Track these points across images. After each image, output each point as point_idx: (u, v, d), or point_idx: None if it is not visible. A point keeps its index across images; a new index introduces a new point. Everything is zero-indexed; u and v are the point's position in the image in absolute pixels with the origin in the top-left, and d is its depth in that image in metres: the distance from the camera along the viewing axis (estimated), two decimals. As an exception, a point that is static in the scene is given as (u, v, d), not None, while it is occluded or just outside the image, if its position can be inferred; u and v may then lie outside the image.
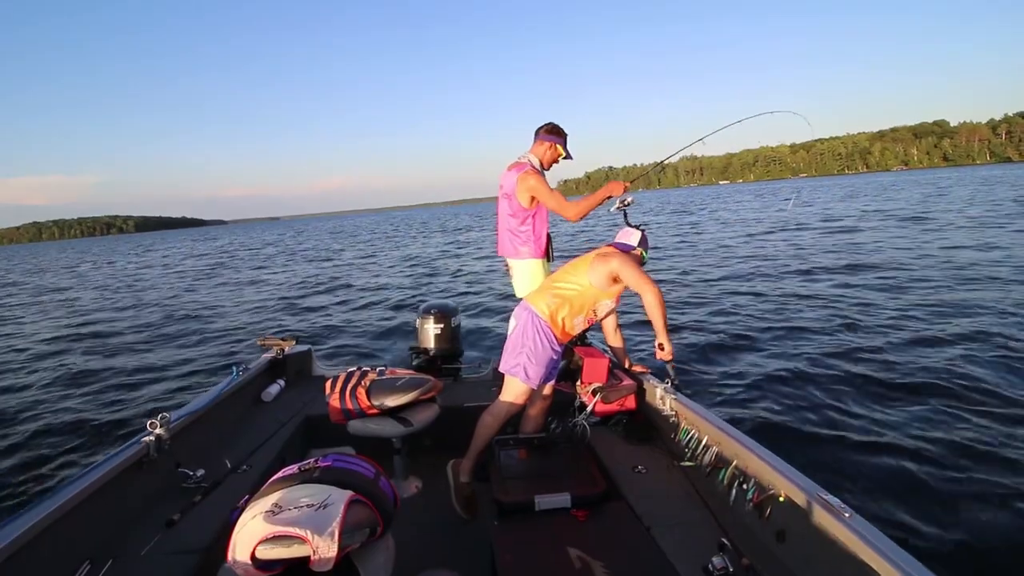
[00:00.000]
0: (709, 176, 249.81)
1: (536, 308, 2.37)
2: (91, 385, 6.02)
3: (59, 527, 1.63)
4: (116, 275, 22.17)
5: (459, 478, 2.36)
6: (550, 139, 2.86)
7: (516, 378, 2.36)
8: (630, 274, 2.30)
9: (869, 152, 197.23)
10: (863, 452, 3.44)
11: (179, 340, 8.16)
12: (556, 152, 2.89)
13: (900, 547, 1.33)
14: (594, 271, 2.35)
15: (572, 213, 2.83)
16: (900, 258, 10.26)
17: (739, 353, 5.58)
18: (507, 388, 2.40)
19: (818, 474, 1.73)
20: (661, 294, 2.32)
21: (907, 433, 3.63)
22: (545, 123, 2.90)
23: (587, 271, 2.37)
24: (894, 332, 5.77)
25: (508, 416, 2.38)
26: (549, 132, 2.87)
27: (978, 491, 2.97)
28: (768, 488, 1.74)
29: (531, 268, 2.97)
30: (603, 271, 2.33)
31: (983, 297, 6.90)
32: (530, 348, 2.33)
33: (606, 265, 2.33)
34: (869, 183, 59.17)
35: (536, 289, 2.57)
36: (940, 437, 3.54)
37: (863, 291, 7.86)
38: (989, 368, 4.58)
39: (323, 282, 14.04)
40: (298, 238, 45.63)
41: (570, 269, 2.47)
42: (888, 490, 3.04)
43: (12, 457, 4.16)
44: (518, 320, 2.42)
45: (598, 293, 2.37)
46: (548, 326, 2.34)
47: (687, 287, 9.31)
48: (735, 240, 16.17)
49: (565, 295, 2.36)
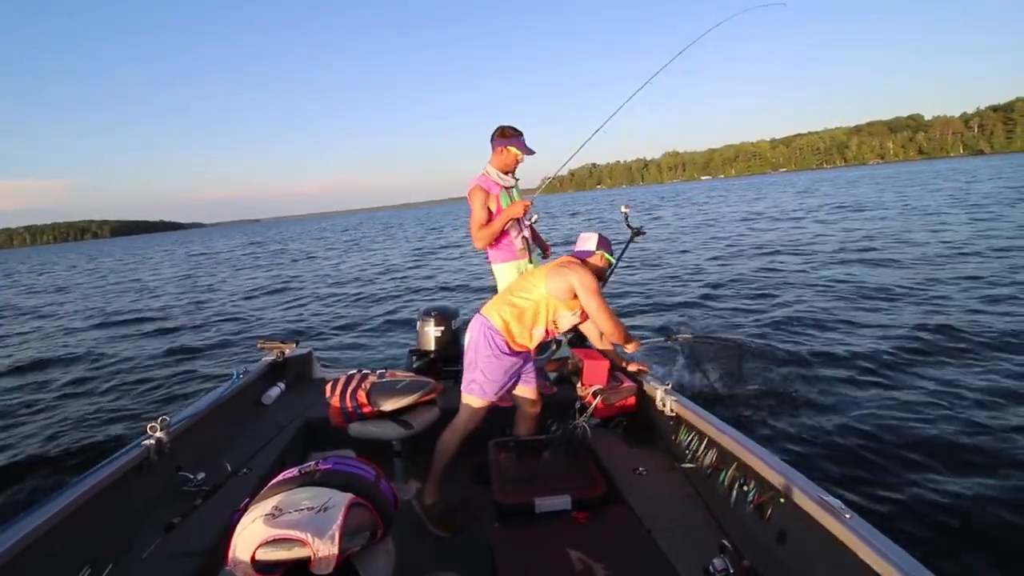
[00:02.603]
0: (691, 171, 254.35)
1: (490, 318, 2.30)
2: (91, 388, 6.02)
3: (60, 531, 1.63)
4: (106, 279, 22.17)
5: (425, 501, 2.31)
6: (500, 144, 2.87)
7: (472, 394, 2.31)
8: (586, 299, 2.24)
9: (847, 146, 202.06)
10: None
11: (180, 343, 8.15)
12: (510, 155, 2.89)
13: (901, 548, 1.33)
14: (551, 281, 2.26)
15: (479, 244, 2.92)
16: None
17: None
18: (463, 404, 2.35)
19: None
20: (618, 327, 2.31)
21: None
22: (496, 128, 2.91)
23: (544, 281, 2.28)
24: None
25: (466, 431, 2.32)
26: (499, 137, 2.88)
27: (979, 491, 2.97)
28: (769, 490, 1.74)
29: (498, 272, 3.04)
30: (560, 284, 2.24)
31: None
32: (483, 363, 2.28)
33: (563, 278, 2.25)
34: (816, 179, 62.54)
35: (493, 298, 2.49)
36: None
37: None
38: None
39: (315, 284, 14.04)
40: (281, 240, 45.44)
41: (528, 277, 2.40)
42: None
43: (12, 462, 4.15)
44: (472, 333, 2.35)
45: (557, 304, 2.28)
46: (502, 336, 2.28)
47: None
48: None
49: (520, 305, 2.29)
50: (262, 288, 14.12)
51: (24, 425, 4.89)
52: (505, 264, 3.01)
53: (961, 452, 3.39)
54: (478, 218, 2.86)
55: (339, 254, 24.22)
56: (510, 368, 2.33)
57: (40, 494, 3.53)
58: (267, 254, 28.31)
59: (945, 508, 2.87)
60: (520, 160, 2.93)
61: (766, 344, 5.33)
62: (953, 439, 3.55)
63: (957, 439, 3.54)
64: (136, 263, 30.61)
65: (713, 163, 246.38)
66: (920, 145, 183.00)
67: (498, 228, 2.88)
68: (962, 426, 3.72)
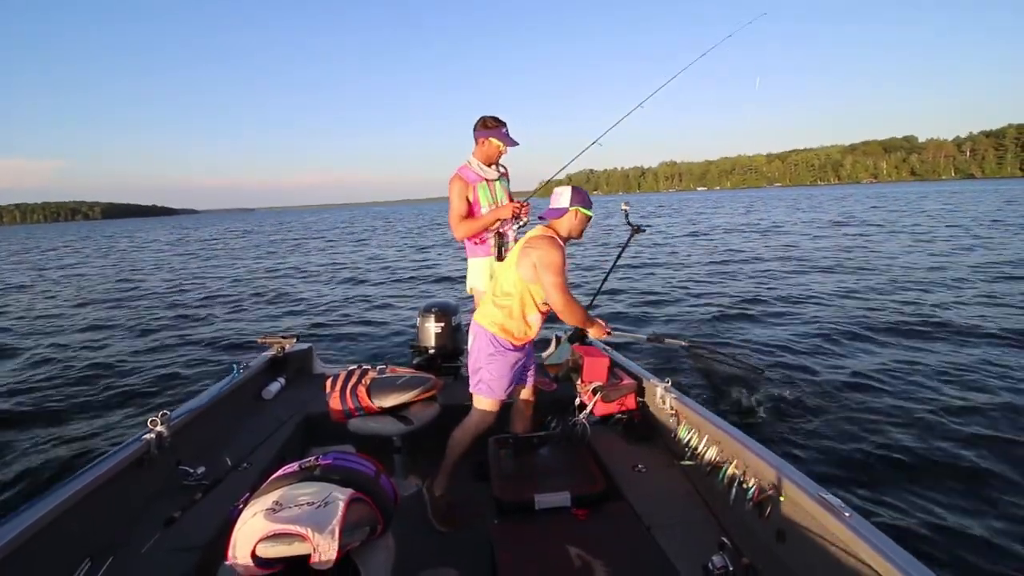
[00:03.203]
0: (687, 182, 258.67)
1: (484, 325, 2.32)
2: (90, 382, 6.02)
3: (59, 524, 1.63)
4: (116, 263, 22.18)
5: (434, 492, 2.34)
6: (482, 135, 2.80)
7: (481, 395, 2.34)
8: (543, 275, 2.16)
9: (841, 165, 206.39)
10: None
11: (179, 337, 8.15)
12: (492, 146, 2.80)
13: (900, 546, 1.33)
14: (521, 267, 2.22)
15: (458, 234, 2.88)
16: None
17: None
18: (475, 404, 2.37)
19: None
20: (575, 308, 2.21)
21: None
22: (478, 119, 2.82)
23: (516, 268, 2.24)
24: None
25: (478, 431, 2.34)
26: (481, 128, 2.79)
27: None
28: (768, 487, 1.74)
29: (471, 266, 3.02)
30: (527, 267, 2.20)
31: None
32: (487, 361, 2.30)
33: (527, 259, 2.19)
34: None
35: (482, 303, 2.47)
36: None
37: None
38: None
39: (316, 278, 14.04)
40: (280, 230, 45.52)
41: (503, 271, 2.36)
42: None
43: (12, 455, 4.16)
44: (474, 339, 2.36)
45: (536, 287, 2.23)
46: (500, 338, 2.29)
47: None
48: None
49: (505, 305, 2.27)
50: (261, 283, 14.12)
51: (24, 421, 4.89)
52: (477, 259, 2.96)
53: (961, 452, 3.40)
54: (455, 208, 2.81)
55: (339, 247, 24.22)
56: (515, 364, 2.34)
57: (40, 488, 3.54)
58: (267, 244, 28.31)
59: (945, 508, 2.88)
60: (503, 151, 2.84)
61: (775, 364, 5.30)
62: (953, 439, 3.55)
63: (957, 438, 3.55)
64: (134, 249, 30.47)
65: (709, 175, 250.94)
66: (913, 166, 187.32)
67: (480, 226, 2.82)
68: (962, 426, 3.72)
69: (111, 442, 4.09)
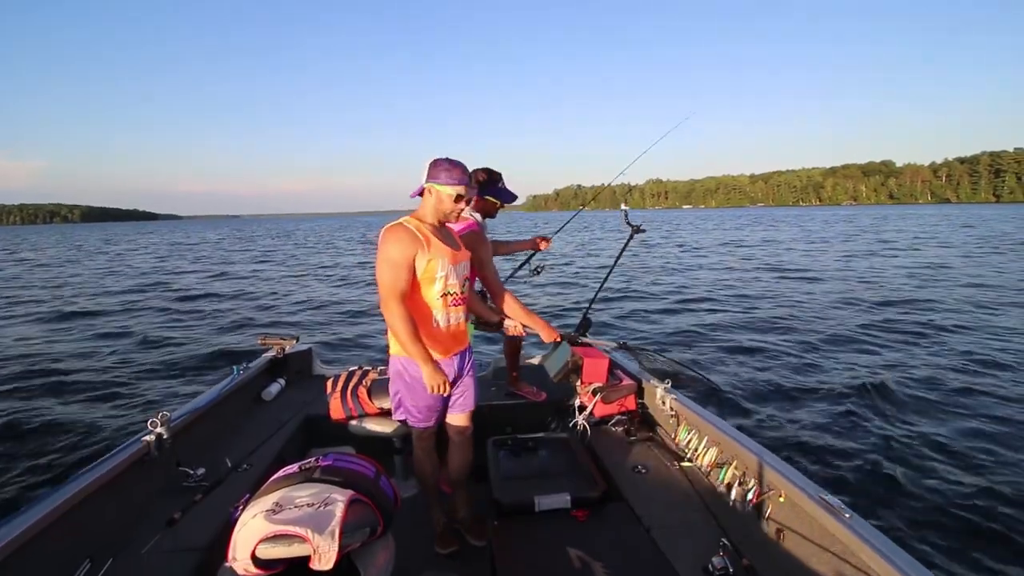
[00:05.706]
0: (673, 200, 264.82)
1: (392, 348, 1.96)
2: (90, 383, 6.02)
3: (60, 525, 1.63)
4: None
5: (431, 516, 2.08)
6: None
7: (408, 424, 2.03)
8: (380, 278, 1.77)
9: (822, 186, 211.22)
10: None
11: (179, 338, 8.15)
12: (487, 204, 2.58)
13: (899, 547, 1.33)
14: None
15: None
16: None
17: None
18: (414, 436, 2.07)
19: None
20: (390, 313, 1.76)
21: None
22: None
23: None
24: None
25: (429, 459, 2.04)
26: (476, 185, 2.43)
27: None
28: (768, 488, 1.74)
29: None
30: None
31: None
32: (402, 391, 1.96)
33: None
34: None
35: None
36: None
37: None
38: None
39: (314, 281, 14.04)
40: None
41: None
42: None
43: (12, 456, 4.15)
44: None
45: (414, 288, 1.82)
46: (404, 357, 1.89)
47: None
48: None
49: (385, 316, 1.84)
50: (260, 283, 14.12)
51: (24, 423, 4.89)
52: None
53: (961, 452, 3.40)
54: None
55: (336, 251, 24.21)
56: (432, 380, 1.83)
57: (40, 489, 3.54)
58: (261, 249, 28.30)
59: (945, 508, 2.88)
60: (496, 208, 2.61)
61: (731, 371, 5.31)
62: (952, 439, 3.55)
63: (956, 439, 3.55)
64: (123, 251, 30.42)
65: (695, 193, 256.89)
66: (891, 190, 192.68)
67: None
68: (959, 426, 3.72)
69: (111, 443, 4.08)
